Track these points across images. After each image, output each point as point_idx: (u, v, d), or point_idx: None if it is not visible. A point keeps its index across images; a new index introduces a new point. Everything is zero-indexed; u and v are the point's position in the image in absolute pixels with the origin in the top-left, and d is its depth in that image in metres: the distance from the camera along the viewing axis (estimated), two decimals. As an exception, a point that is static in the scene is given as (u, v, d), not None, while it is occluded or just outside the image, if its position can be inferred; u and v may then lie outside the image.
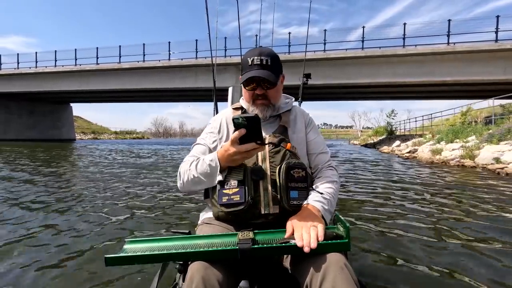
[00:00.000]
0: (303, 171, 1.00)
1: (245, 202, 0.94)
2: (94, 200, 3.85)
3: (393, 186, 5.07)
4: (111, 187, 4.87)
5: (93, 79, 23.12)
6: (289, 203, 0.95)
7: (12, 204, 3.63)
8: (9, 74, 25.34)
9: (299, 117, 1.20)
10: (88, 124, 66.88)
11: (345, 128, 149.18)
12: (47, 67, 24.57)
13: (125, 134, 71.53)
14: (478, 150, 8.17)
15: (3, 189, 4.57)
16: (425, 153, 10.36)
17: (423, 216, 3.13)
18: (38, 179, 5.65)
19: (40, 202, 3.72)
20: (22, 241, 2.38)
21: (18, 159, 9.49)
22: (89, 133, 59.20)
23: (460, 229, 2.69)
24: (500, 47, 15.09)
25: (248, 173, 0.96)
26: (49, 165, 8.06)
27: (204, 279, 0.74)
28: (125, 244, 0.89)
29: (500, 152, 7.18)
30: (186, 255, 0.81)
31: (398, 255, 2.07)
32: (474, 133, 10.63)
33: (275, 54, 1.10)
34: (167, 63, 20.93)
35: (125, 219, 2.99)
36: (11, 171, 6.76)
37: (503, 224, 2.81)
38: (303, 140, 1.16)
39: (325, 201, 0.98)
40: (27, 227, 2.72)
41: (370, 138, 31.08)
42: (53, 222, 2.88)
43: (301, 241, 0.78)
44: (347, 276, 0.74)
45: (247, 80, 1.07)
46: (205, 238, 0.89)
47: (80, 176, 6.15)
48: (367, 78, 17.51)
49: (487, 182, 5.29)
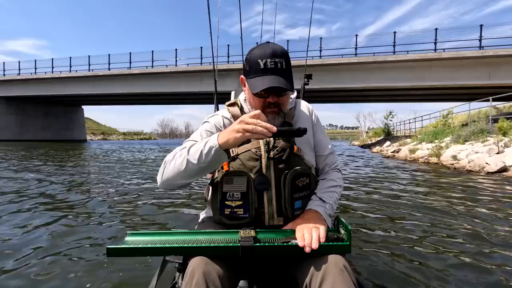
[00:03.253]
0: (307, 179, 0.98)
1: (249, 216, 0.92)
2: (99, 196, 3.97)
3: (362, 174, 6.29)
4: (115, 183, 5.06)
5: (105, 84, 24.75)
6: (293, 214, 0.94)
7: (26, 196, 3.87)
8: (27, 79, 27.16)
9: (304, 115, 1.12)
10: (98, 125, 69.07)
11: (351, 129, 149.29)
12: (62, 72, 26.34)
13: (133, 135, 73.59)
14: (445, 149, 9.33)
15: (22, 183, 4.96)
16: (404, 153, 11.54)
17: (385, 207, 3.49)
18: (56, 174, 6.31)
19: (53, 195, 3.98)
20: (25, 230, 2.48)
21: (39, 156, 10.90)
22: (98, 134, 61.30)
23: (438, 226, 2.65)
24: (483, 54, 16.14)
25: (252, 184, 0.92)
26: (73, 162, 9.39)
27: (205, 274, 0.73)
28: (127, 236, 0.88)
29: (458, 151, 8.36)
30: (188, 250, 0.80)
31: (398, 258, 2.01)
32: (452, 134, 11.75)
33: (287, 54, 0.98)
34: (174, 69, 22.42)
35: (124, 218, 2.93)
36: (31, 167, 7.95)
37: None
38: (309, 140, 1.09)
39: (326, 205, 0.97)
40: (33, 218, 2.85)
41: (369, 139, 32.07)
42: (58, 215, 3.00)
43: (303, 241, 0.78)
44: (346, 278, 0.73)
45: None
46: (207, 234, 0.88)
47: (93, 173, 6.42)
48: (361, 82, 18.72)
49: (438, 175, 6.49)
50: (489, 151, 7.52)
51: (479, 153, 7.63)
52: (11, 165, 7.75)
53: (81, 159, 10.12)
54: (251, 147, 0.96)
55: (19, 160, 9.08)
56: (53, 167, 7.43)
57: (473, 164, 6.76)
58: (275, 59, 0.93)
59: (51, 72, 26.69)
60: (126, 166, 8.01)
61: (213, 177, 1.00)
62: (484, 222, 2.86)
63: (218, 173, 0.97)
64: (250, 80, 0.96)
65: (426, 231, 2.60)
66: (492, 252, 2.12)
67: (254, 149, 0.95)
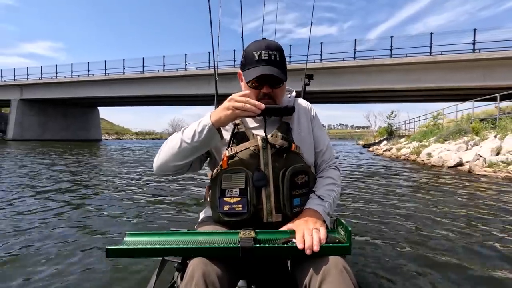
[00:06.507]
0: (306, 176, 0.99)
1: (247, 212, 0.93)
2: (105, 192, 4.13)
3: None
4: (122, 181, 5.24)
5: (120, 86, 26.51)
6: (292, 211, 0.95)
7: (33, 192, 4.04)
8: (49, 82, 29.24)
9: (303, 112, 1.11)
10: (111, 126, 71.62)
11: (362, 129, 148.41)
12: (80, 76, 28.26)
13: (145, 135, 75.93)
14: (425, 148, 10.32)
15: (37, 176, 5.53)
16: (392, 151, 12.56)
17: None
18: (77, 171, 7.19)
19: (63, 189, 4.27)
20: (23, 229, 2.49)
21: (64, 153, 12.32)
22: (112, 134, 63.76)
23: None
24: (477, 57, 16.87)
25: (250, 180, 0.93)
26: (81, 161, 10.32)
27: (204, 275, 0.73)
28: (126, 236, 0.88)
29: (433, 149, 9.36)
30: (187, 251, 0.80)
31: (399, 259, 2.00)
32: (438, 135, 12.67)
33: (282, 48, 1.02)
34: (184, 73, 23.89)
35: (123, 218, 2.93)
36: (61, 163, 9.12)
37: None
38: (308, 137, 1.08)
39: (325, 203, 0.97)
40: (33, 218, 2.84)
41: (374, 138, 32.77)
42: (60, 211, 3.09)
43: (302, 243, 0.78)
44: (346, 279, 0.73)
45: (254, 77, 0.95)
46: (206, 234, 0.88)
47: (95, 173, 6.43)
48: (360, 84, 19.69)
49: (413, 169, 7.55)
50: (458, 149, 8.52)
51: (450, 150, 8.63)
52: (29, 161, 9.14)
53: (93, 158, 10.48)
54: (249, 145, 0.97)
55: (50, 156, 10.51)
56: (63, 164, 7.97)
57: (437, 160, 7.80)
58: (269, 51, 0.97)
59: (70, 76, 28.68)
60: (128, 165, 8.13)
61: (212, 175, 1.00)
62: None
63: (217, 171, 0.98)
64: (245, 72, 1.00)
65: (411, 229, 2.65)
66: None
67: (252, 147, 0.97)
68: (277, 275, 0.97)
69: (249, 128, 1.03)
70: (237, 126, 1.01)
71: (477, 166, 6.56)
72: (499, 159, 6.54)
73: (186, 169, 1.03)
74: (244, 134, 1.00)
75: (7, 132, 32.02)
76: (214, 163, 1.07)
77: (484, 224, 2.77)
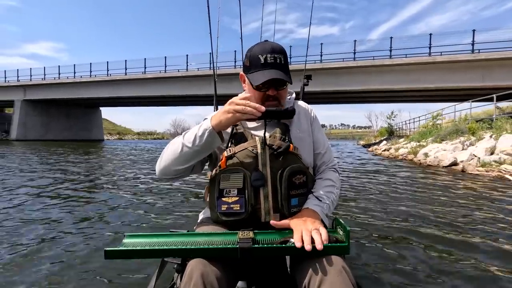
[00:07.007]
0: (304, 176, 0.99)
1: (245, 211, 0.93)
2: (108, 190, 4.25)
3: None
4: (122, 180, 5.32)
5: (122, 87, 26.76)
6: (289, 211, 0.95)
7: (35, 193, 4.03)
8: (52, 83, 29.54)
9: (302, 114, 1.13)
10: (113, 126, 71.91)
11: (363, 129, 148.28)
12: (82, 77, 28.53)
13: (147, 135, 76.17)
14: (422, 148, 10.47)
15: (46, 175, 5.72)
16: (390, 151, 12.71)
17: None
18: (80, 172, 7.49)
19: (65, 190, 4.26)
20: (26, 227, 2.56)
21: (70, 154, 12.54)
22: (114, 134, 64.09)
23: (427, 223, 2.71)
24: (476, 58, 16.98)
25: (248, 180, 0.94)
26: (83, 161, 10.77)
27: (203, 276, 0.74)
28: (124, 238, 0.88)
29: (430, 149, 9.51)
30: (186, 252, 0.81)
31: (397, 259, 2.02)
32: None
33: (285, 50, 1.04)
34: (185, 73, 24.10)
35: (122, 219, 2.92)
36: (66, 162, 9.56)
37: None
38: (307, 139, 1.10)
39: (324, 205, 0.97)
40: (32, 217, 2.87)
41: (374, 138, 32.86)
42: (58, 212, 3.10)
43: (300, 242, 0.79)
44: (345, 279, 0.74)
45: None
46: (205, 235, 0.88)
47: (96, 172, 6.49)
48: (360, 85, 19.83)
49: (408, 169, 7.71)
50: (454, 149, 8.67)
51: (446, 150, 8.79)
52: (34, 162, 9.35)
53: (95, 158, 10.56)
54: (247, 145, 0.98)
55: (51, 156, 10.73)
56: (65, 164, 8.02)
57: (433, 159, 7.96)
58: (274, 54, 0.99)
59: (73, 76, 28.96)
60: (128, 165, 8.17)
61: (211, 176, 1.01)
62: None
63: (216, 171, 0.99)
64: (250, 74, 1.01)
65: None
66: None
67: (250, 148, 0.97)
68: (276, 275, 0.97)
69: (247, 129, 1.05)
70: (236, 127, 1.03)
71: (470, 166, 6.72)
72: (492, 159, 6.69)
73: (189, 172, 1.04)
74: (242, 135, 1.02)
75: (10, 132, 32.34)
76: (214, 164, 1.08)
77: (483, 224, 2.81)
